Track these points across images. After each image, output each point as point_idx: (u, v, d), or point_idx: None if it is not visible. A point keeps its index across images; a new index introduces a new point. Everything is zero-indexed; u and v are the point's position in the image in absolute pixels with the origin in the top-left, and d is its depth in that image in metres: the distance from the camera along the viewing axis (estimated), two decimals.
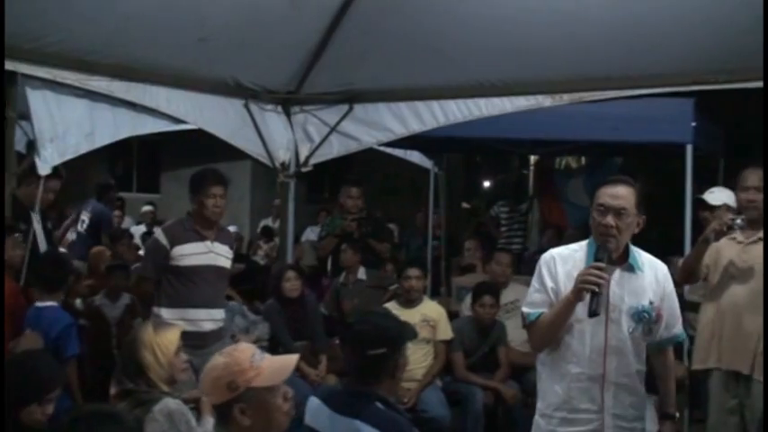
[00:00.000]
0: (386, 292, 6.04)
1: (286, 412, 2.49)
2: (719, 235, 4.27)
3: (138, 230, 9.84)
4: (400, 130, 5.97)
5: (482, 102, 5.57)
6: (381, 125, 5.98)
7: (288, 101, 6.05)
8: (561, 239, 7.30)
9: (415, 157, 8.70)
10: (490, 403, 5.48)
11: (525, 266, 7.05)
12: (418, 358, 5.32)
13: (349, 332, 3.14)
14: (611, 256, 3.10)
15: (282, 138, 6.14)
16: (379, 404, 2.77)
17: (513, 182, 10.97)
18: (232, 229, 9.50)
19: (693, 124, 5.94)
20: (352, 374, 2.94)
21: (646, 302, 3.15)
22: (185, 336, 4.46)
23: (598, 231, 3.10)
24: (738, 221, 4.26)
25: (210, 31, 4.77)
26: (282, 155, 6.16)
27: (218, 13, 4.65)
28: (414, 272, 5.50)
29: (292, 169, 6.24)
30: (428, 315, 5.44)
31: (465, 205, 16.23)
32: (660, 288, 3.21)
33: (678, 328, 3.31)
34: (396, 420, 2.78)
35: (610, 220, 3.07)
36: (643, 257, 3.22)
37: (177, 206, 10.77)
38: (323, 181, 13.30)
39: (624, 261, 3.17)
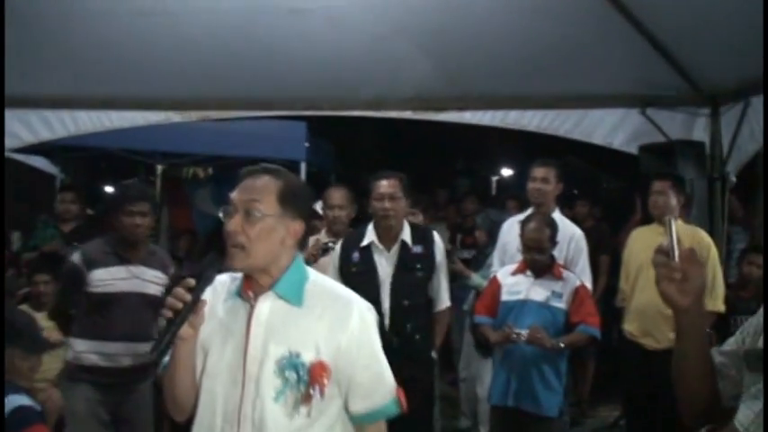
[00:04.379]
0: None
1: None
2: (316, 258, 4.89)
3: None
4: (28, 137, 6.02)
5: (113, 114, 5.84)
6: (8, 131, 5.90)
7: None
8: (195, 245, 7.76)
9: (38, 162, 8.60)
10: None
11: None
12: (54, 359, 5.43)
13: None
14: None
15: None
16: None
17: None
18: None
19: (306, 144, 6.76)
20: None
21: (299, 350, 2.21)
22: (100, 372, 4.13)
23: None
24: (330, 244, 5.06)
25: None
26: None
27: None
28: (42, 277, 5.56)
29: None
30: None
31: (89, 212, 15.91)
32: (331, 332, 2.23)
33: (385, 396, 2.33)
34: None
35: (233, 222, 2.22)
36: (310, 284, 2.31)
37: None
38: None
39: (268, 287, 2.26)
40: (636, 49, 4.75)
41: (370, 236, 4.54)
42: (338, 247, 4.70)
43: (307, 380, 2.19)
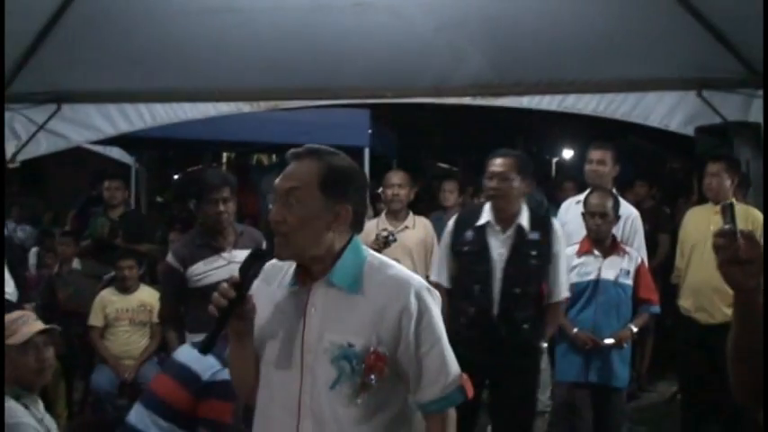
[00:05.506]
0: (100, 281, 6.37)
1: (37, 369, 3.19)
2: (380, 250, 4.90)
3: None
4: (108, 130, 6.32)
5: (187, 106, 6.13)
6: (89, 124, 6.27)
7: None
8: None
9: (115, 153, 9.00)
10: None
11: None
12: (137, 339, 5.80)
13: None
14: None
15: None
16: None
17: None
18: None
19: (370, 131, 6.99)
20: None
21: (353, 339, 2.16)
22: None
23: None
24: (390, 237, 5.22)
25: None
26: None
27: None
28: (127, 262, 5.92)
29: None
30: (145, 300, 5.86)
31: (159, 199, 16.46)
32: (396, 314, 2.15)
33: (448, 386, 2.22)
34: None
35: (274, 211, 2.19)
36: (367, 268, 2.22)
37: None
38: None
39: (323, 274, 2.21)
40: (691, 32, 4.85)
41: (486, 215, 4.34)
42: (451, 222, 4.55)
43: (361, 370, 2.12)
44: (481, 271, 4.26)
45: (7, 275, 5.17)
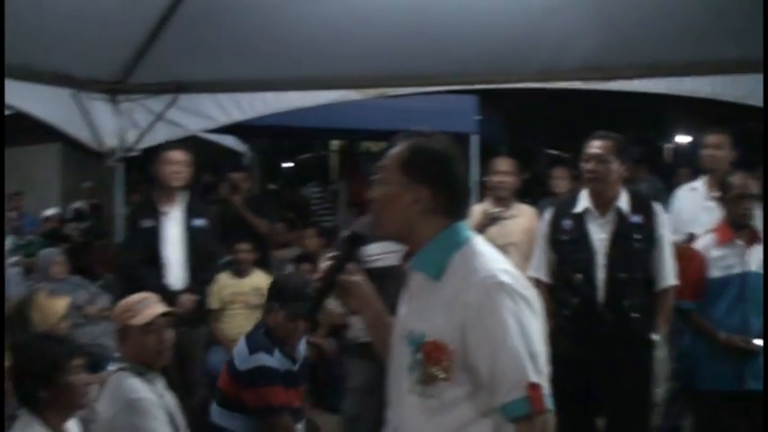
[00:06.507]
0: None
1: (157, 349, 3.41)
2: (485, 228, 4.99)
3: None
4: (222, 118, 6.50)
5: (299, 94, 6.22)
6: (205, 113, 6.46)
7: (115, 90, 6.42)
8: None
9: (229, 141, 9.27)
10: (313, 357, 6.21)
11: (336, 240, 7.81)
12: (251, 322, 5.94)
13: None
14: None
15: (110, 125, 6.50)
16: None
17: (315, 164, 11.75)
18: (50, 211, 9.67)
19: (477, 117, 6.95)
20: None
21: (420, 326, 2.14)
22: None
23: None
24: (498, 213, 5.16)
25: (48, 28, 5.11)
26: (110, 141, 6.54)
27: (56, 11, 5.01)
28: (244, 246, 6.09)
29: (119, 154, 6.65)
30: (258, 285, 6.03)
31: (271, 186, 16.86)
32: (462, 306, 2.08)
33: (509, 392, 2.05)
34: None
35: (371, 191, 2.28)
36: (457, 255, 2.16)
37: None
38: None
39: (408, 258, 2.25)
40: None
41: (583, 202, 4.26)
42: (547, 213, 4.49)
43: (421, 359, 2.10)
44: (582, 258, 4.15)
45: None
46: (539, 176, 8.70)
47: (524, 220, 5.33)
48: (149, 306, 3.51)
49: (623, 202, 4.18)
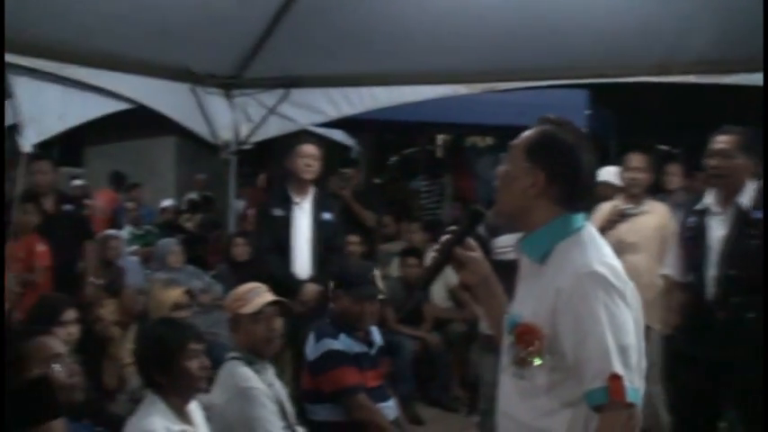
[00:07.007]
0: None
1: (266, 338, 3.52)
2: (614, 224, 4.89)
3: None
4: (332, 113, 6.62)
5: (408, 89, 6.27)
6: (315, 108, 6.60)
7: (230, 85, 6.62)
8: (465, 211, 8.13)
9: (337, 135, 9.39)
10: (418, 351, 6.28)
11: (442, 234, 7.80)
12: None
13: None
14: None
15: (225, 118, 6.72)
16: None
17: (422, 158, 11.75)
18: (166, 202, 10.03)
19: (587, 112, 6.82)
20: None
21: (519, 308, 2.23)
22: None
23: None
24: (628, 210, 5.01)
25: (170, 26, 5.33)
26: (224, 134, 6.76)
27: (177, 9, 5.22)
28: (353, 238, 6.20)
29: (233, 147, 6.85)
30: None
31: (377, 180, 16.96)
32: (555, 292, 2.11)
33: (592, 381, 2.04)
34: None
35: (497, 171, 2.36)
36: (564, 243, 2.19)
37: (102, 180, 11.17)
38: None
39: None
40: None
41: (707, 198, 4.13)
42: (681, 210, 4.40)
43: (514, 341, 2.17)
44: (696, 253, 4.04)
45: None
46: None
47: (656, 217, 5.15)
48: (259, 295, 3.61)
49: (746, 197, 3.98)
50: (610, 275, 2.10)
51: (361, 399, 3.91)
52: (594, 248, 2.18)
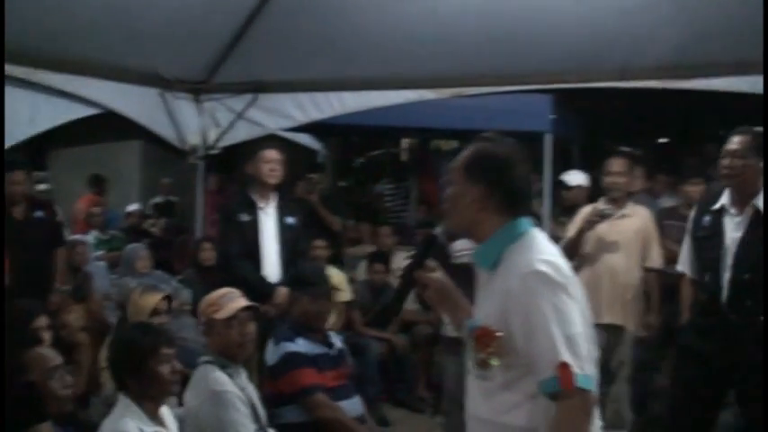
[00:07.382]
0: None
1: (239, 342, 3.59)
2: (593, 225, 5.02)
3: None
4: (300, 118, 6.66)
5: (376, 94, 6.32)
6: (284, 113, 6.63)
7: (199, 90, 6.63)
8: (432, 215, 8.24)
9: (304, 139, 9.42)
10: (384, 353, 6.36)
11: (408, 237, 7.90)
12: None
13: None
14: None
15: (193, 123, 6.73)
16: None
17: (387, 161, 11.81)
18: (132, 207, 9.97)
19: (552, 116, 6.92)
20: None
21: (480, 315, 2.38)
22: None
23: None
24: (607, 210, 5.13)
25: (139, 31, 5.33)
26: (192, 139, 6.77)
27: (146, 14, 5.22)
28: (319, 243, 6.24)
29: (201, 152, 6.86)
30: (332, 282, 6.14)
31: (342, 183, 16.97)
32: (505, 294, 2.27)
33: (543, 372, 2.18)
34: None
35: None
36: (511, 248, 2.34)
37: (65, 184, 11.08)
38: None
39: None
40: None
41: (723, 198, 4.13)
42: (694, 209, 4.43)
43: (473, 345, 2.33)
44: (712, 257, 4.07)
45: None
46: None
47: (637, 220, 5.27)
48: (233, 300, 3.65)
49: (761, 199, 4.00)
50: (551, 272, 2.23)
51: (319, 398, 3.99)
52: (537, 249, 2.32)
